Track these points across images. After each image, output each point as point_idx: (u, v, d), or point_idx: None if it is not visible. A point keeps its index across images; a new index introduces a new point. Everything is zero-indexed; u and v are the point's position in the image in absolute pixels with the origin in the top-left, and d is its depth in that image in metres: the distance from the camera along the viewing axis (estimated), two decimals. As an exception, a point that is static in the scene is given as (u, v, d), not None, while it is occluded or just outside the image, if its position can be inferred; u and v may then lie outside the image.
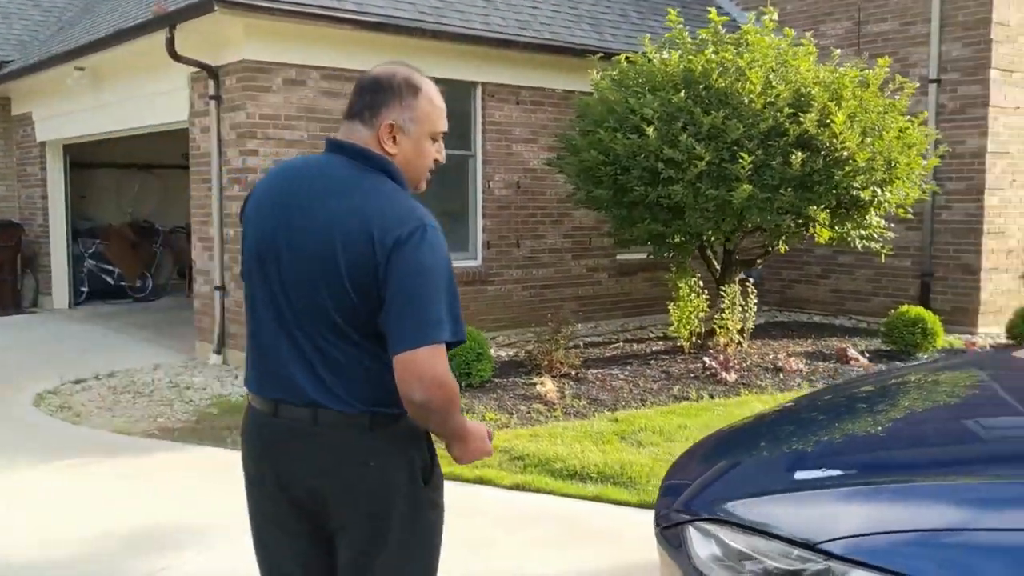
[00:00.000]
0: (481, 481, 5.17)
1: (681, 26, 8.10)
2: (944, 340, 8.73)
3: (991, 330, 9.92)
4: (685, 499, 2.42)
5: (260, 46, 7.87)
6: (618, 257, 10.40)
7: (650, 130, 7.08)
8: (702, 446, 2.89)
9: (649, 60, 7.88)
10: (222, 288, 8.33)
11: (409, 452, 2.15)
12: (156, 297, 12.94)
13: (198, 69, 8.19)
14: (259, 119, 7.93)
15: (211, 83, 8.16)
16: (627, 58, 8.18)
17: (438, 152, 2.25)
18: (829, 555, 1.93)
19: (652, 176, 7.30)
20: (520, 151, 9.69)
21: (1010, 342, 9.12)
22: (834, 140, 6.97)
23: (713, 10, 8.19)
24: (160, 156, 13.47)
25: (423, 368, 1.97)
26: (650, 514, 4.72)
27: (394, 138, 2.16)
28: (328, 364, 2.09)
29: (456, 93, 9.30)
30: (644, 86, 7.70)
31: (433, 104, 2.22)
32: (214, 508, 4.72)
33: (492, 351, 7.59)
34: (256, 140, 7.92)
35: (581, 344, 8.58)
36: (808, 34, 8.26)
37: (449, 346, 2.04)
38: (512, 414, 6.49)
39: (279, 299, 2.14)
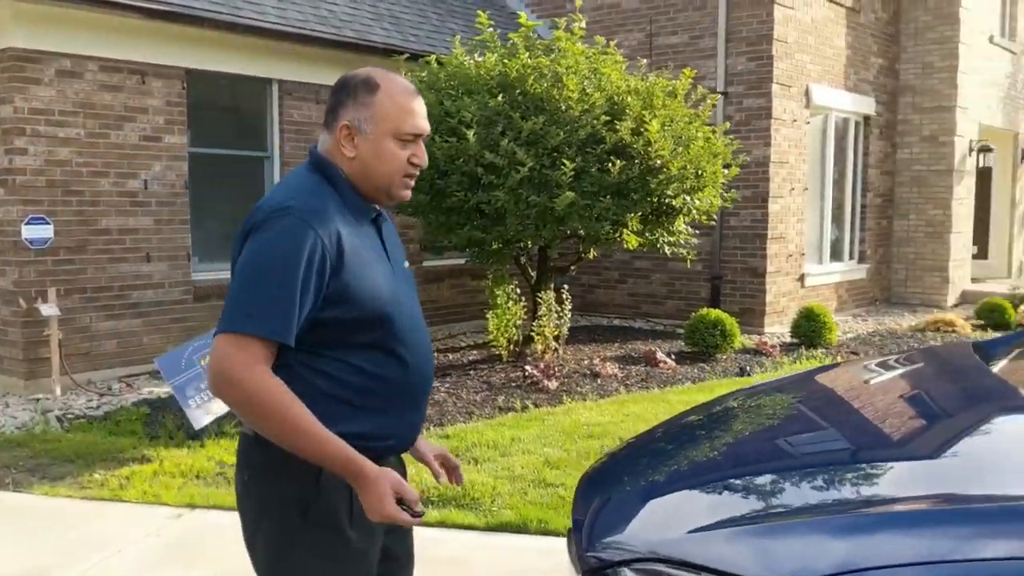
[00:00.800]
0: (313, 512, 4.74)
1: (491, 29, 7.97)
2: (739, 341, 9.12)
3: (775, 329, 10.52)
4: (613, 535, 2.21)
5: (30, 33, 6.99)
6: (424, 264, 10.15)
7: (470, 134, 6.88)
8: (612, 469, 2.69)
9: (461, 63, 7.69)
10: (-17, 305, 7.32)
11: (282, 474, 1.94)
12: None
13: (-49, 55, 7.16)
14: (28, 114, 7.05)
15: (-32, 72, 7.16)
16: (438, 60, 7.95)
17: (414, 155, 2.05)
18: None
19: (472, 181, 7.11)
20: (321, 154, 9.22)
21: (795, 341, 9.70)
22: (648, 148, 7.07)
23: (523, 14, 8.13)
24: None
25: (213, 357, 1.85)
26: (501, 537, 4.55)
27: (352, 140, 2.02)
28: None
29: (250, 90, 8.74)
30: (458, 89, 7.50)
31: (394, 101, 2.02)
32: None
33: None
34: (25, 137, 7.03)
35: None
36: (613, 43, 8.36)
37: (282, 346, 1.88)
38: (333, 434, 6.08)
39: None
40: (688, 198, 7.45)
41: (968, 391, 3.01)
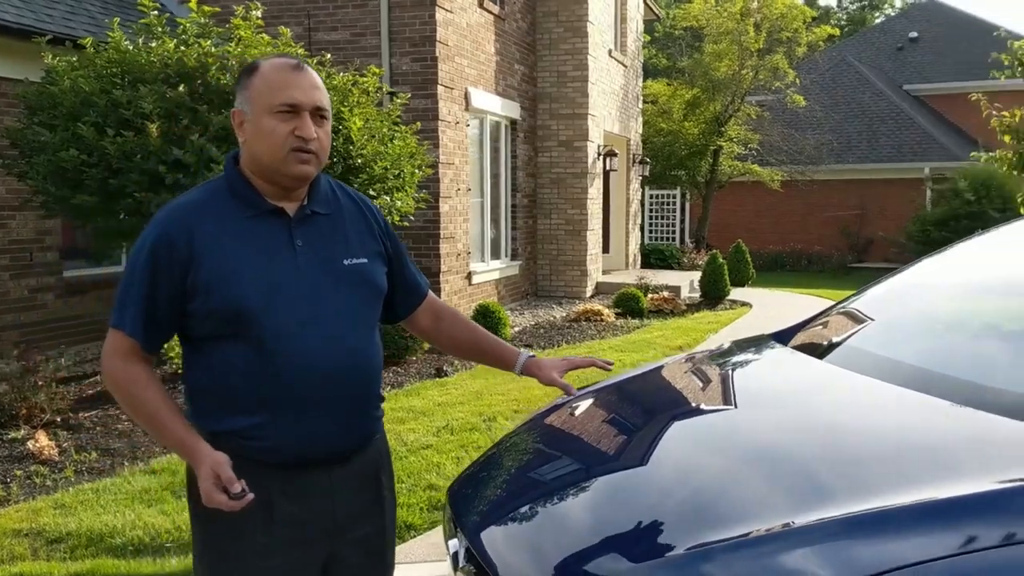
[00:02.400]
0: (17, 582, 3.91)
1: (157, 12, 7.16)
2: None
3: (449, 328, 10.66)
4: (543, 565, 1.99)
5: None
6: (65, 274, 8.91)
7: (152, 128, 6.10)
8: (496, 480, 2.45)
9: (127, 48, 6.81)
10: None
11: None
12: None
13: None
14: None
15: None
16: (95, 45, 6.98)
17: (296, 128, 1.95)
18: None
19: (154, 181, 6.29)
20: (-65, 148, 7.74)
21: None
22: (350, 147, 6.76)
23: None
24: None
25: None
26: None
27: (242, 126, 2.02)
28: None
29: None
30: (124, 77, 6.63)
31: (267, 78, 2.00)
32: None
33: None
34: None
35: (54, 384, 7.11)
36: (289, 34, 7.90)
37: (182, 340, 2.03)
38: (7, 482, 5.09)
39: None
40: (388, 199, 7.25)
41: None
